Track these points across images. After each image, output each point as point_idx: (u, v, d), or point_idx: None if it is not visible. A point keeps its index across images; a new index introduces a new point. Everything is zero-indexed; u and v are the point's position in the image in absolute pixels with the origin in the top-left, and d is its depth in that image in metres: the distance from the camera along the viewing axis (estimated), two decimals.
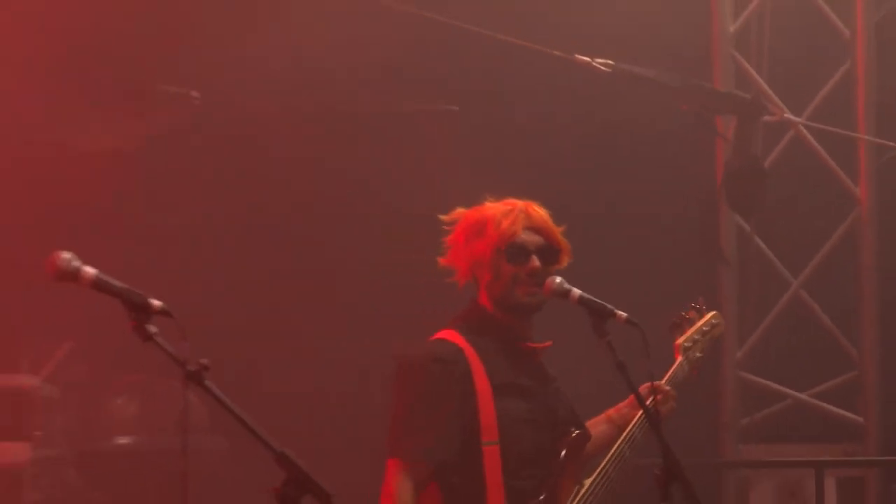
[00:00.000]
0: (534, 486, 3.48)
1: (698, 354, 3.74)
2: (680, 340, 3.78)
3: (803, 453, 5.80)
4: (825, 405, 5.57)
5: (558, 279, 3.33)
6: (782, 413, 5.68)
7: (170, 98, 5.34)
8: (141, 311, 2.48)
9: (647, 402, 3.47)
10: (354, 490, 3.17)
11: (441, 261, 3.66)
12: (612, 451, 3.66)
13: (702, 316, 3.67)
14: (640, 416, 3.65)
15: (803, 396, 5.47)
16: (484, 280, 3.58)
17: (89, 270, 2.52)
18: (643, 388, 3.42)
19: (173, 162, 5.48)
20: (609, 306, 3.21)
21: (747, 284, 5.79)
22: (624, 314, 3.24)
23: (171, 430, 5.37)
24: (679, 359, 3.72)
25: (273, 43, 5.35)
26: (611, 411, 3.75)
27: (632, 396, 3.55)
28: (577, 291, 3.27)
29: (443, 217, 3.66)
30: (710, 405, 5.77)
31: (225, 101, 5.47)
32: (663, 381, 3.78)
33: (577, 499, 3.56)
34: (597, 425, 3.70)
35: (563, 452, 3.55)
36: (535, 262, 3.42)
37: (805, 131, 5.42)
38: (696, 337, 3.77)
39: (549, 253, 3.47)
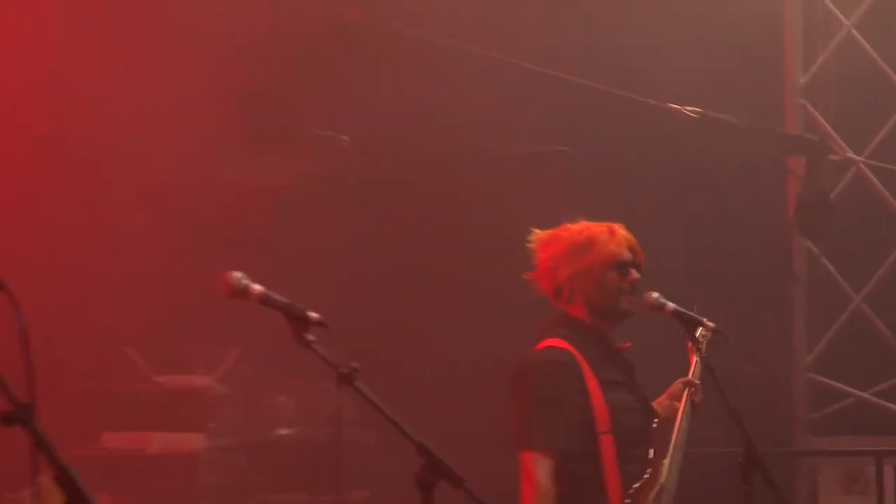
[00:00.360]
0: (640, 468, 3.73)
1: (704, 355, 3.94)
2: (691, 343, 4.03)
3: (865, 444, 6.04)
4: (884, 402, 5.92)
5: (655, 294, 3.70)
6: (846, 409, 6.03)
7: (322, 140, 5.89)
8: (300, 323, 2.82)
9: (685, 396, 3.92)
10: (480, 475, 3.26)
11: (532, 274, 3.95)
12: (675, 437, 3.93)
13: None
14: (684, 406, 3.92)
15: (864, 395, 5.87)
16: (586, 291, 3.86)
17: (257, 287, 2.90)
18: (677, 382, 3.98)
19: (326, 194, 5.93)
20: (698, 317, 3.68)
21: (815, 299, 6.15)
22: (711, 324, 3.73)
23: (324, 423, 5.73)
24: (695, 359, 3.93)
25: (408, 91, 5.80)
26: (655, 403, 4.05)
27: (670, 389, 3.96)
28: (671, 305, 3.68)
29: (536, 235, 3.98)
30: (783, 403, 6.10)
31: (370, 141, 5.95)
32: (690, 377, 4.04)
33: (664, 479, 3.87)
34: None
35: (652, 438, 3.90)
36: (635, 274, 3.74)
37: (865, 168, 5.84)
38: (700, 341, 3.99)
39: (638, 267, 3.81)
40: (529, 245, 4.00)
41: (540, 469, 3.68)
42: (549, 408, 3.80)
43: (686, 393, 4.00)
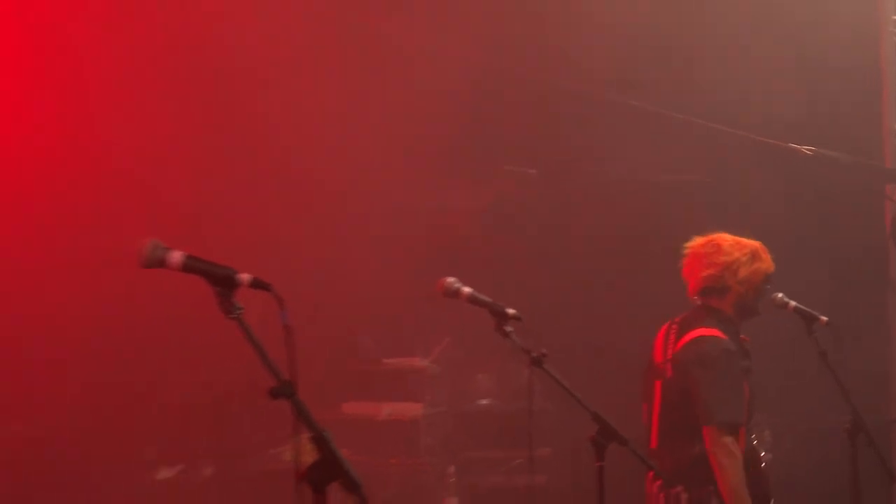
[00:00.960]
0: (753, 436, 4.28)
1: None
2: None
3: None
4: None
5: (780, 294, 4.22)
6: None
7: (514, 174, 6.68)
8: (501, 317, 3.30)
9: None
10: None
11: (707, 271, 4.22)
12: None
13: None
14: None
15: None
16: (743, 293, 4.24)
17: (466, 289, 3.38)
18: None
19: (519, 214, 6.63)
20: (815, 312, 4.18)
21: None
22: (825, 318, 4.22)
23: (515, 395, 6.35)
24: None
25: (582, 135, 6.46)
26: None
27: None
28: (793, 302, 4.24)
29: (711, 239, 4.31)
30: (882, 378, 6.54)
31: (553, 173, 6.67)
32: None
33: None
34: None
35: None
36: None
37: None
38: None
39: None
40: (689, 248, 4.39)
41: (731, 441, 4.00)
42: (730, 389, 4.10)
43: None
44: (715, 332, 4.14)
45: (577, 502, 5.62)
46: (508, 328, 3.42)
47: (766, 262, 4.30)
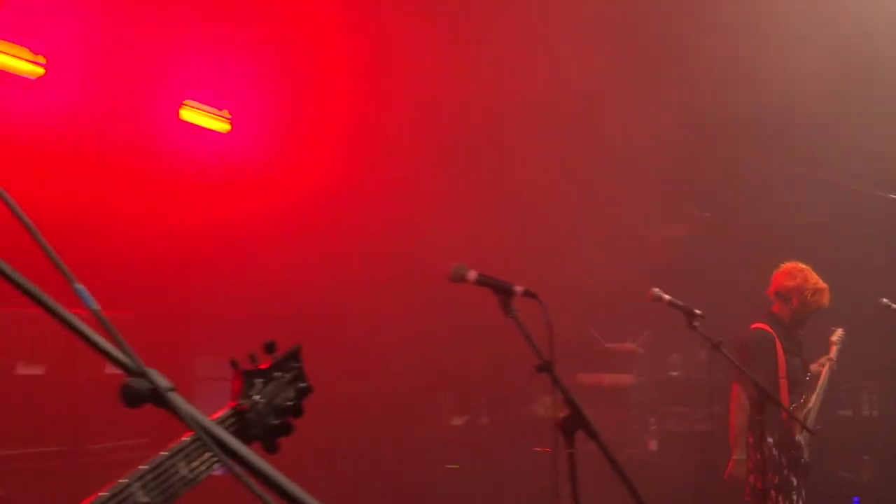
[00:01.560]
0: (798, 400, 5.62)
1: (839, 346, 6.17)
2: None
3: None
4: None
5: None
6: None
7: (693, 215, 8.42)
8: (691, 315, 4.28)
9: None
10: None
11: (789, 283, 5.48)
12: (818, 387, 5.90)
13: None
14: (825, 373, 5.91)
15: None
16: (797, 309, 5.67)
17: (666, 296, 4.35)
18: (824, 357, 5.92)
19: (699, 247, 8.18)
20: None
21: None
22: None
23: (699, 369, 7.61)
24: (834, 347, 6.26)
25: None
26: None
27: (819, 360, 6.03)
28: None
29: (791, 265, 5.57)
30: None
31: (725, 215, 8.30)
32: (831, 356, 6.00)
33: (809, 406, 5.78)
34: None
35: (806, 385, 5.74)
36: None
37: None
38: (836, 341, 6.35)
39: None
40: (792, 264, 5.69)
41: (742, 395, 5.50)
42: (756, 361, 5.45)
43: (827, 365, 6.02)
44: (762, 326, 5.74)
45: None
46: (696, 323, 4.27)
47: (825, 298, 5.79)
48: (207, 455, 1.61)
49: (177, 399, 1.09)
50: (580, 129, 7.16)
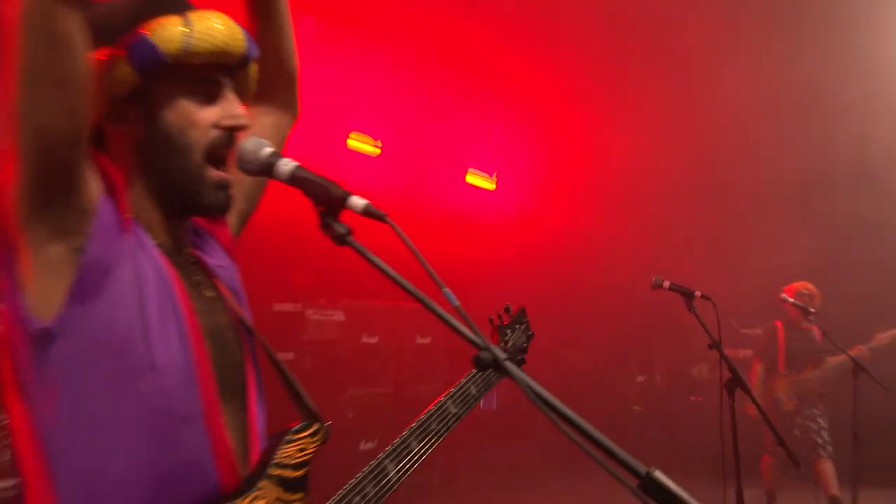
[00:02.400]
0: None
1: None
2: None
3: None
4: None
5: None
6: None
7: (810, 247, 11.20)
8: (691, 298, 4.44)
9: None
10: None
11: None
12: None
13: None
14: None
15: None
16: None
17: (666, 282, 4.51)
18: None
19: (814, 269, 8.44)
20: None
21: None
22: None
23: None
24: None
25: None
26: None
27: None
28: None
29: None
30: None
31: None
32: None
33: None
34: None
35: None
36: None
37: None
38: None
39: None
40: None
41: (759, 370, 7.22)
42: (763, 339, 7.57)
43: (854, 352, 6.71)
44: (776, 322, 7.37)
45: None
46: (694, 305, 4.49)
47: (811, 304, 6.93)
48: (489, 377, 2.33)
49: (511, 367, 1.38)
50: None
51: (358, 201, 1.54)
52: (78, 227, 1.55)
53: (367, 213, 1.54)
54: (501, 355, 1.41)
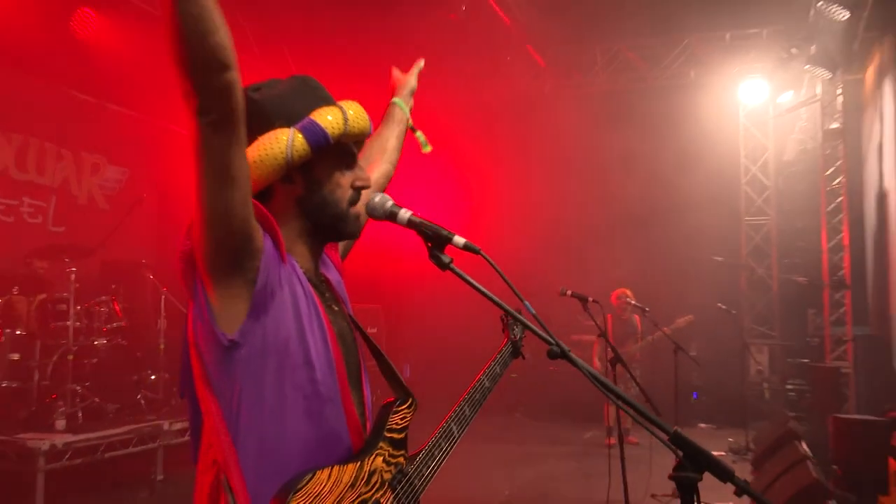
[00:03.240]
0: None
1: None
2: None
3: None
4: None
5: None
6: None
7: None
8: (584, 301, 5.74)
9: None
10: None
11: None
12: None
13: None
14: None
15: None
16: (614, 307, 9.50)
17: (569, 291, 5.86)
18: None
19: None
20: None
21: None
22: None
23: None
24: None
25: None
26: None
27: None
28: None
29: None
30: None
31: None
32: None
33: None
34: None
35: None
36: None
37: None
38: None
39: None
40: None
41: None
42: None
43: (660, 331, 8.75)
44: (608, 315, 8.77)
45: None
46: (588, 307, 5.13)
47: (622, 303, 9.27)
48: (506, 359, 2.67)
49: (574, 357, 1.60)
50: None
51: (459, 239, 1.94)
52: (251, 263, 1.87)
53: (466, 247, 1.92)
54: (566, 348, 1.73)
